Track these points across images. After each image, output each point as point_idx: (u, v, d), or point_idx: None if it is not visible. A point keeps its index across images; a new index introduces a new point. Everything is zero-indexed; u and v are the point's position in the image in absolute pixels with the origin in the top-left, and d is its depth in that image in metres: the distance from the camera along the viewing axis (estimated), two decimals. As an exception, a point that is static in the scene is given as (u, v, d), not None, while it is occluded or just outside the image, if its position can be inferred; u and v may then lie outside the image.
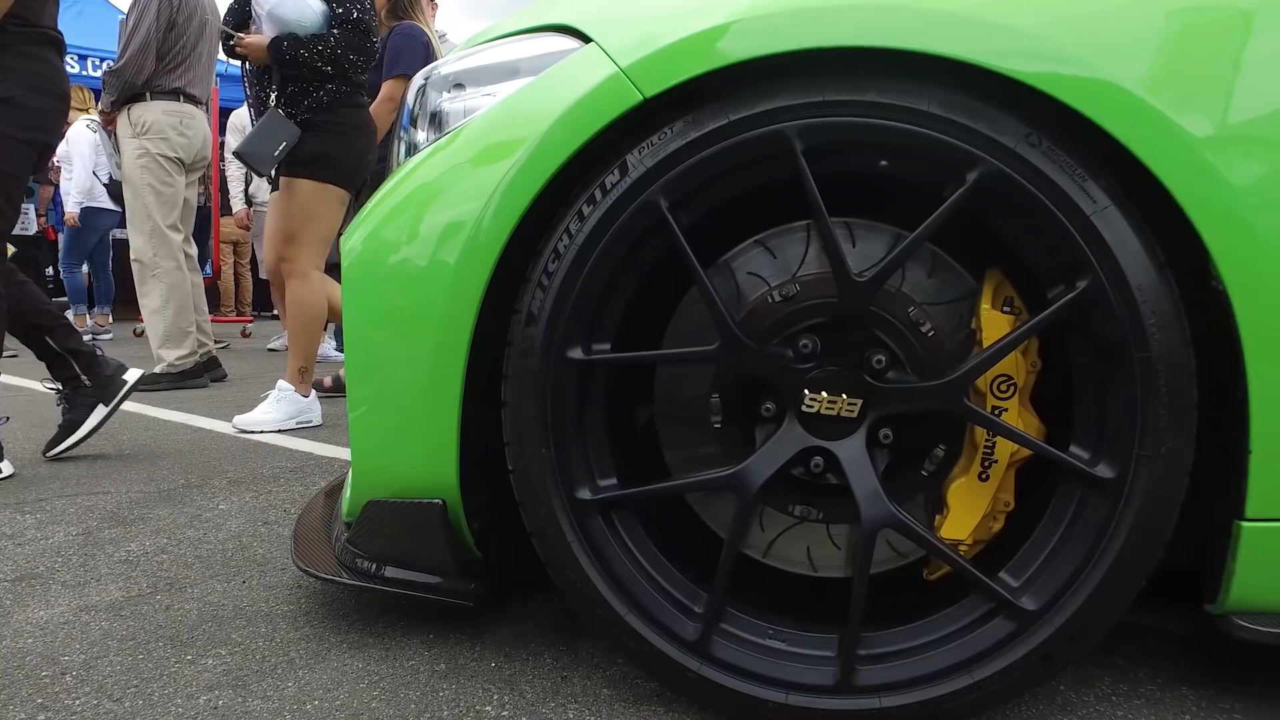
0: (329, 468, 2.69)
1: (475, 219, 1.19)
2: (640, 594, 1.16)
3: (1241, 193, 0.99)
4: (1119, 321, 1.02)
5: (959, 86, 1.05)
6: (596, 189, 1.15)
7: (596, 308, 1.17)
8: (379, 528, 1.32)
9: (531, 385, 1.17)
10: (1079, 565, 1.06)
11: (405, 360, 1.24)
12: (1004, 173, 1.04)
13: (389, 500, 1.29)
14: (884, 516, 1.11)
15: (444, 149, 1.26)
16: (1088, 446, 1.07)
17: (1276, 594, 1.07)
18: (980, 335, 1.15)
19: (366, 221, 1.31)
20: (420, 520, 1.27)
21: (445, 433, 1.24)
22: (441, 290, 1.21)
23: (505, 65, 1.31)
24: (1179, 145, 1.00)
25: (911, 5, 1.05)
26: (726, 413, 1.24)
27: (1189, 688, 1.24)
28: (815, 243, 1.25)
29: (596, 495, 1.17)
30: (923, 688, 1.08)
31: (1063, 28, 1.03)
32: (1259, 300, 1.00)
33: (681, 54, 1.10)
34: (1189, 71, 1.01)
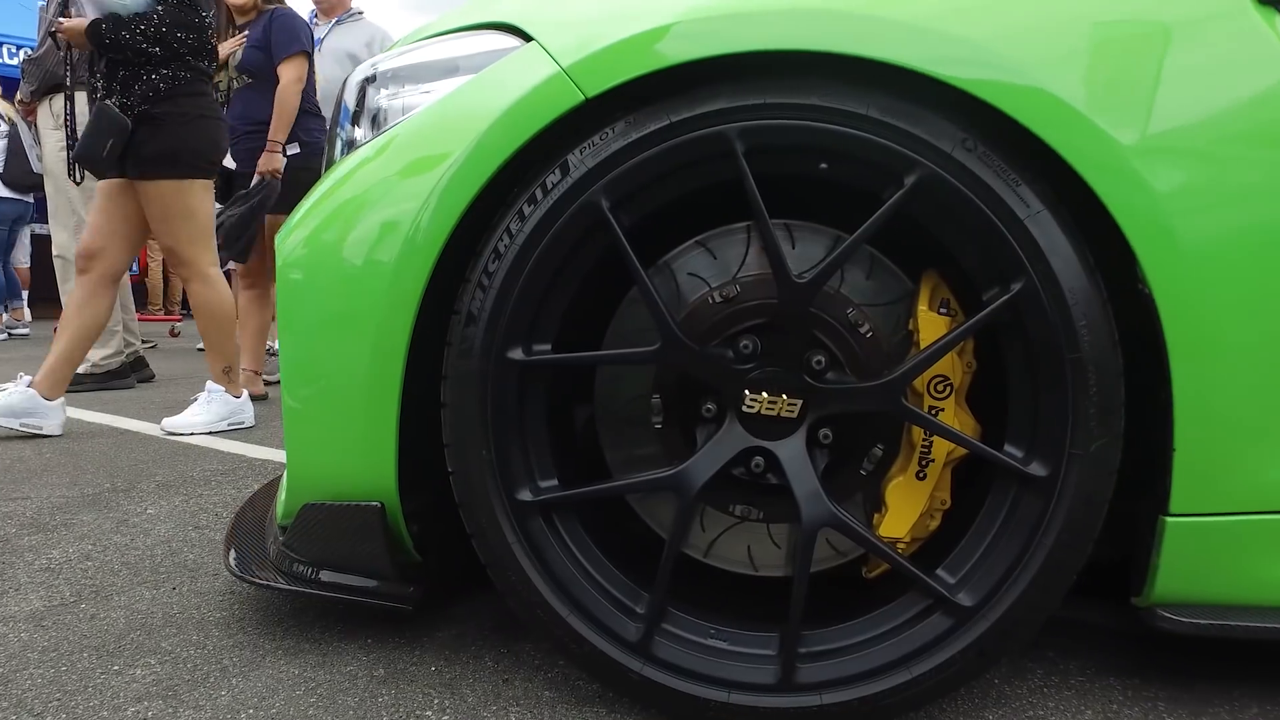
0: (262, 470, 2.63)
1: (413, 219, 1.17)
2: (581, 595, 1.16)
3: (1166, 200, 1.03)
4: (1051, 323, 1.05)
5: (898, 91, 1.07)
6: (537, 189, 1.14)
7: (537, 308, 1.16)
8: (316, 531, 1.29)
9: (471, 386, 1.16)
10: (1013, 561, 1.08)
11: (342, 361, 1.22)
12: (941, 177, 1.06)
13: (326, 503, 1.27)
14: (824, 516, 1.12)
15: (382, 147, 1.24)
16: (1021, 445, 1.10)
17: (1198, 587, 1.11)
18: (918, 336, 1.17)
19: (302, 221, 1.29)
20: (358, 523, 1.25)
21: (383, 434, 1.22)
22: (379, 291, 1.19)
23: (444, 63, 1.29)
24: (1108, 153, 1.03)
25: (852, 10, 1.06)
26: (667, 413, 1.25)
27: (1116, 678, 1.28)
28: (755, 244, 1.26)
29: (537, 496, 1.16)
30: (863, 684, 1.10)
31: (999, 36, 1.05)
32: (1183, 304, 1.03)
33: (624, 54, 1.10)
34: (1116, 82, 1.04)
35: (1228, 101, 1.04)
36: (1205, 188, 1.03)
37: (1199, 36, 1.05)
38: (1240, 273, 1.03)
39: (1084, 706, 1.20)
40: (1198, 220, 1.03)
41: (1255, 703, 1.21)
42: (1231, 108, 1.04)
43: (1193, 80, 1.04)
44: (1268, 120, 1.03)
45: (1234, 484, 1.07)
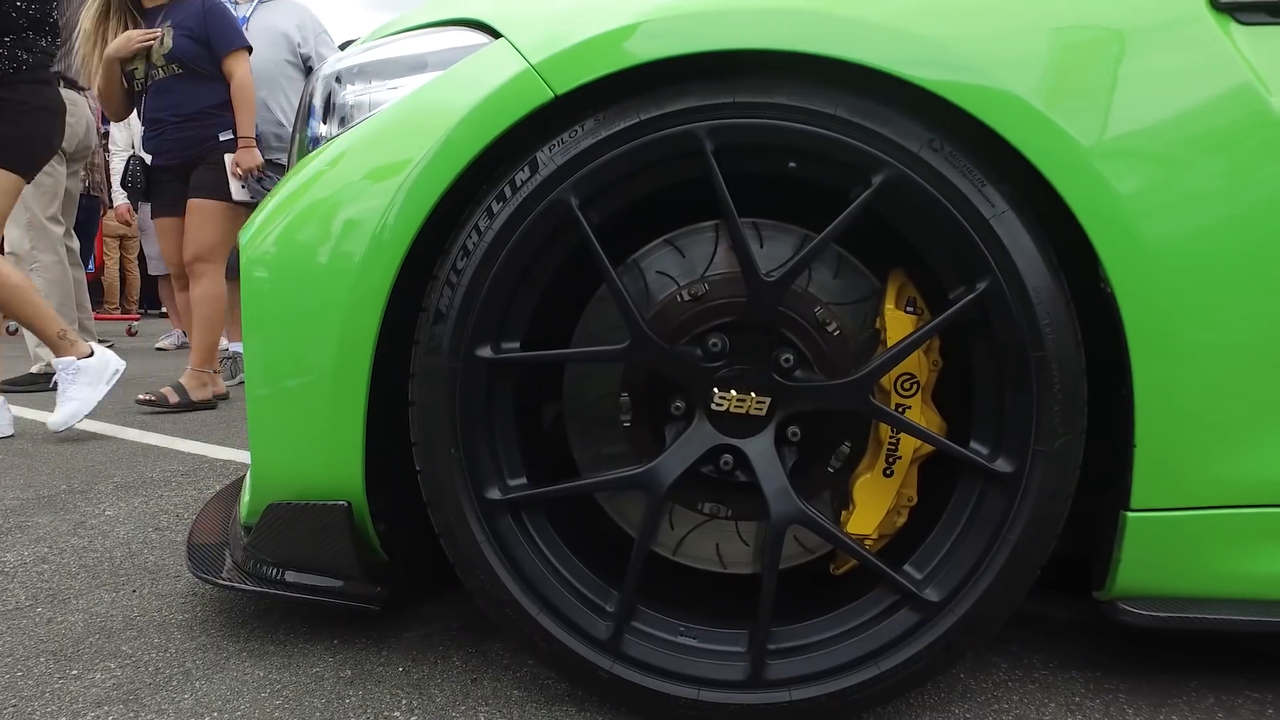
0: (224, 471, 2.59)
1: (380, 216, 1.16)
2: (551, 593, 1.15)
3: (1127, 200, 1.04)
4: (1016, 322, 1.06)
5: (866, 92, 1.08)
6: (506, 186, 1.13)
7: (506, 306, 1.15)
8: (281, 531, 1.27)
9: (440, 384, 1.15)
10: (979, 557, 1.09)
11: (308, 359, 1.21)
12: (908, 176, 1.07)
13: (292, 503, 1.25)
14: (792, 513, 1.12)
15: (348, 143, 1.23)
16: (987, 442, 1.11)
17: (1158, 580, 1.13)
18: (884, 335, 1.18)
19: (269, 218, 1.27)
20: (324, 523, 1.23)
21: (350, 433, 1.21)
22: (346, 288, 1.18)
23: (412, 59, 1.28)
24: (1071, 154, 1.04)
25: (820, 10, 1.07)
26: (636, 411, 1.25)
27: (1078, 670, 1.30)
28: (724, 242, 1.26)
29: (506, 495, 1.16)
30: (831, 680, 1.11)
31: (965, 38, 1.06)
32: (1143, 303, 1.05)
33: (593, 52, 1.10)
34: (1078, 84, 1.05)
35: (1185, 105, 1.06)
36: (1164, 189, 1.05)
37: (1157, 42, 1.06)
38: (1198, 272, 1.05)
39: (1047, 700, 1.22)
40: (1158, 220, 1.05)
41: (1211, 693, 1.24)
42: (1188, 112, 1.06)
43: (1151, 84, 1.06)
44: (1223, 124, 1.05)
45: (1194, 479, 1.09)
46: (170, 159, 3.75)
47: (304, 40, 4.46)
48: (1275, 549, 1.11)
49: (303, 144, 1.56)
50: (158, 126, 3.72)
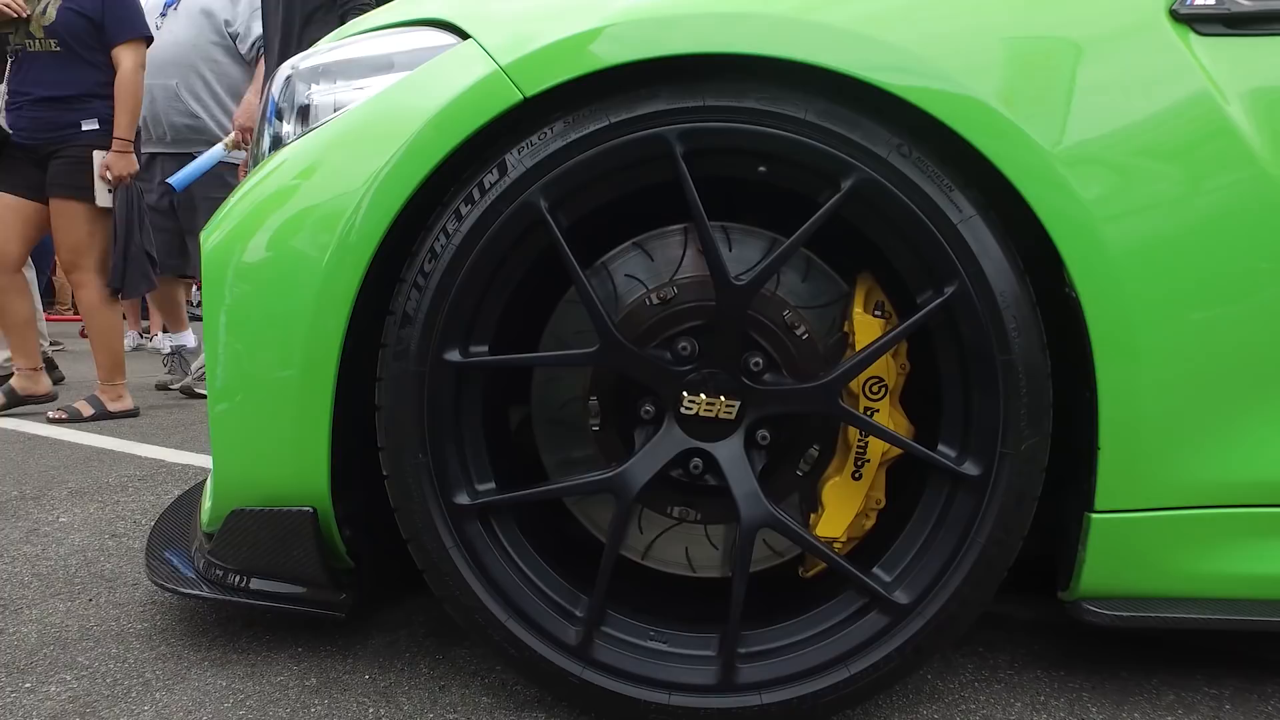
0: (183, 476, 2.54)
1: (347, 217, 1.14)
2: (520, 599, 1.15)
3: (1091, 206, 1.06)
4: (983, 325, 1.07)
5: (835, 96, 1.08)
6: (474, 188, 1.12)
7: (474, 309, 1.14)
8: (244, 538, 1.25)
9: (407, 388, 1.13)
10: (948, 559, 1.10)
11: (273, 363, 1.19)
12: (877, 181, 1.08)
13: (255, 509, 1.23)
14: (763, 516, 1.13)
15: (314, 143, 1.21)
16: (954, 445, 1.12)
17: (1121, 581, 1.14)
18: (853, 338, 1.18)
19: (229, 218, 1.25)
20: (290, 529, 1.21)
21: (316, 438, 1.19)
22: (312, 291, 1.16)
23: (378, 59, 1.26)
24: (1037, 160, 1.05)
25: (792, 16, 1.07)
26: (605, 415, 1.24)
27: (1042, 670, 1.32)
28: (692, 246, 1.26)
29: (475, 500, 1.15)
30: (802, 683, 1.11)
31: (933, 45, 1.07)
32: (1107, 307, 1.06)
33: (564, 54, 1.09)
34: (1044, 92, 1.06)
35: (1145, 113, 1.07)
36: (1126, 194, 1.06)
37: (1118, 50, 1.08)
38: (1159, 276, 1.07)
39: (1013, 699, 1.23)
40: (1120, 225, 1.06)
41: (1170, 690, 1.26)
42: (1148, 119, 1.07)
43: (1113, 92, 1.07)
44: (1181, 132, 1.07)
45: (1155, 481, 1.10)
46: (24, 138, 3.43)
47: (235, 17, 4.07)
48: (1233, 549, 1.13)
49: (264, 142, 1.54)
50: (17, 101, 3.43)
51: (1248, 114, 1.07)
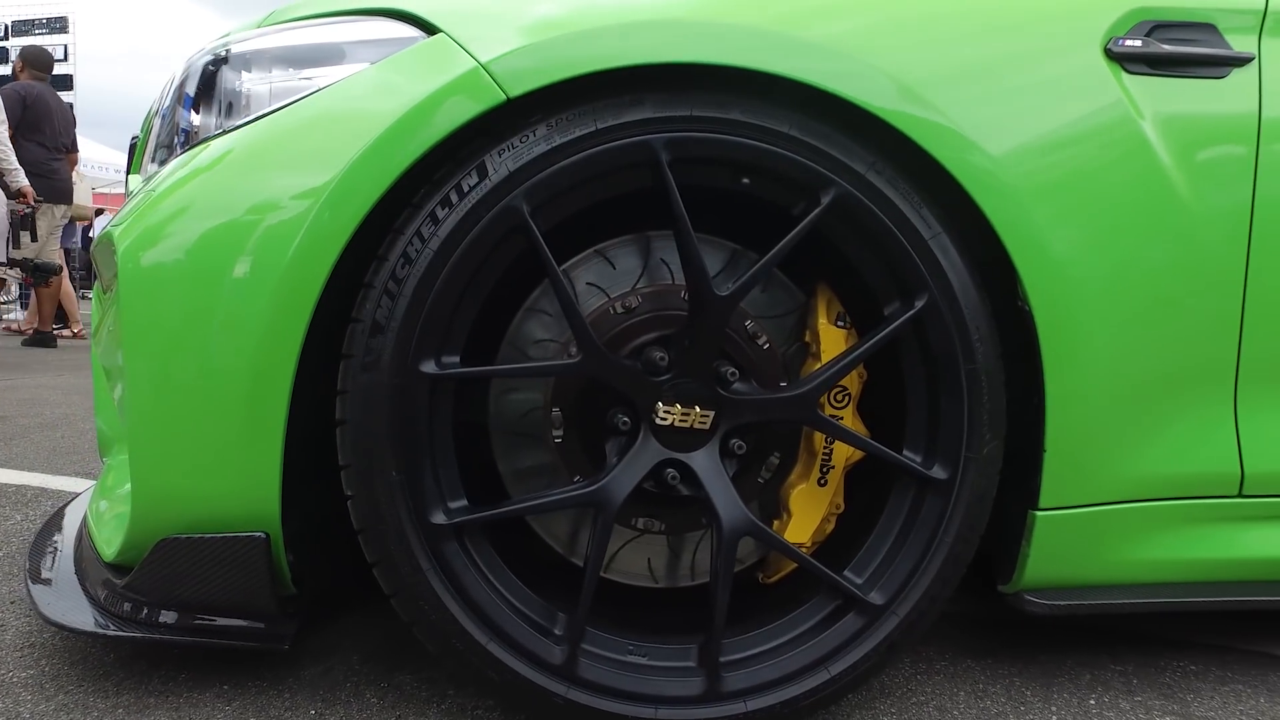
0: (18, 497, 2.26)
1: (312, 216, 1.06)
2: (501, 620, 1.10)
3: (1044, 226, 1.14)
4: (951, 336, 1.13)
5: (814, 112, 1.11)
6: (451, 190, 1.07)
7: (449, 318, 1.09)
8: (175, 569, 1.13)
9: (379, 401, 1.07)
10: (919, 559, 1.15)
11: (217, 376, 1.08)
12: (855, 196, 1.11)
13: (192, 537, 1.12)
14: (744, 525, 1.14)
15: (263, 134, 1.12)
16: (919, 450, 1.17)
17: (1060, 572, 1.24)
18: (817, 349, 1.22)
19: (152, 214, 1.13)
20: (236, 558, 1.11)
21: (266, 456, 1.10)
22: (266, 294, 1.07)
23: (328, 47, 1.18)
24: (998, 182, 1.12)
25: (778, 32, 1.09)
26: (568, 426, 1.22)
27: (973, 660, 1.40)
28: (655, 254, 1.26)
29: (452, 519, 1.09)
30: (785, 687, 1.13)
31: (909, 63, 1.12)
32: (1056, 319, 1.14)
33: (555, 55, 1.06)
34: (1004, 119, 1.14)
35: (1084, 142, 1.17)
36: (1071, 216, 1.15)
37: (1063, 82, 1.17)
38: (1101, 292, 1.16)
39: (956, 689, 1.30)
40: (1067, 245, 1.15)
41: (1085, 670, 1.37)
42: (1087, 146, 1.17)
43: (1060, 121, 1.16)
44: (1112, 158, 1.17)
45: (1094, 479, 1.20)
46: None
47: None
48: (1158, 537, 1.25)
49: (157, 133, 1.41)
50: None
51: (1162, 140, 1.18)
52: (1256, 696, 1.30)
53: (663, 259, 1.26)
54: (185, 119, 1.29)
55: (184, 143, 1.27)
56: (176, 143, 1.31)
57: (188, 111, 1.28)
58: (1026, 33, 1.18)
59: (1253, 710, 1.26)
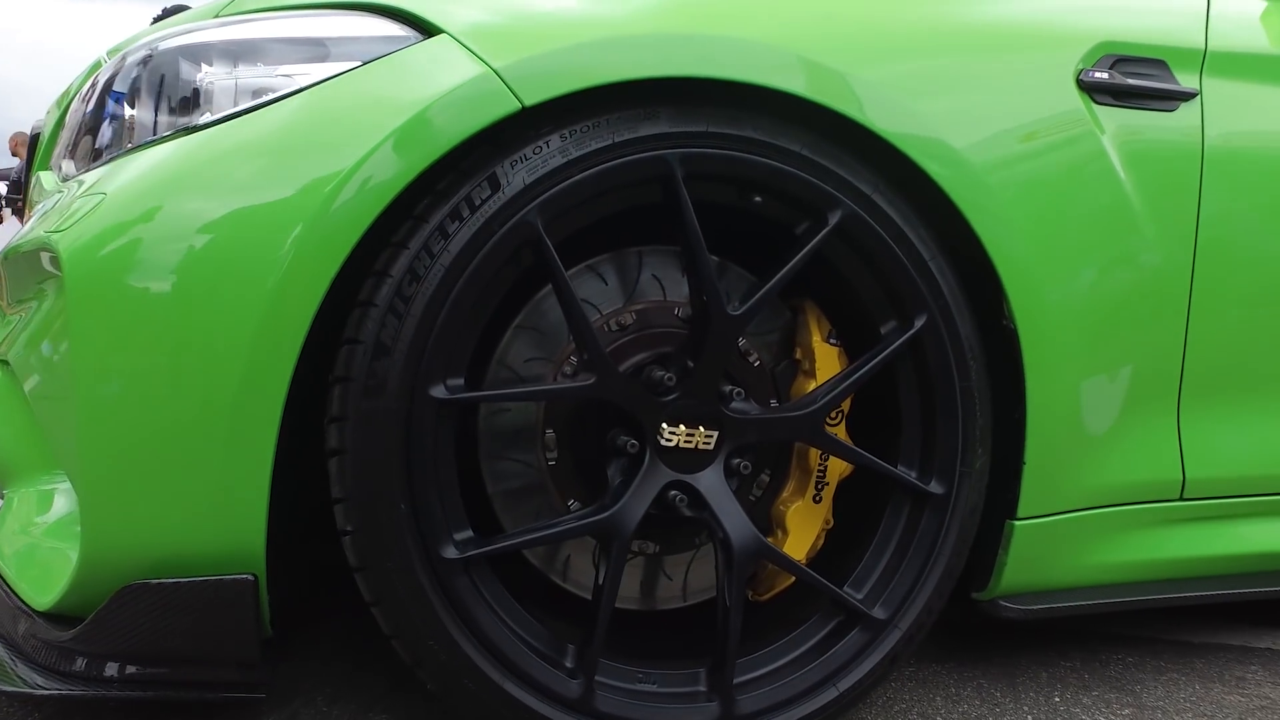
0: None
1: (307, 224, 0.97)
2: (516, 656, 1.04)
3: (1029, 249, 1.18)
4: (948, 354, 1.16)
5: (821, 132, 1.11)
6: (461, 204, 1.01)
7: (458, 338, 1.03)
8: (142, 618, 1.01)
9: (385, 429, 0.99)
10: (919, 573, 1.17)
11: (196, 401, 0.98)
12: (861, 216, 1.12)
13: (165, 582, 1.00)
14: (755, 545, 1.13)
15: (243, 134, 1.01)
16: (913, 465, 1.20)
17: (1033, 578, 1.30)
18: (811, 366, 1.22)
19: (107, 218, 1.01)
20: (221, 601, 1.00)
21: (254, 489, 1.00)
22: (255, 312, 0.97)
23: (306, 42, 1.09)
24: (993, 205, 1.16)
25: (793, 50, 1.09)
26: (561, 449, 1.17)
27: (938, 665, 1.45)
28: (646, 270, 1.23)
29: (465, 552, 1.03)
30: (796, 707, 1.13)
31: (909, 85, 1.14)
32: (1039, 338, 1.19)
33: (571, 63, 1.02)
34: (994, 142, 1.18)
35: (1059, 167, 1.23)
36: (1051, 239, 1.21)
37: (1043, 111, 1.22)
38: (1075, 311, 1.22)
39: (932, 694, 1.34)
40: (1049, 267, 1.20)
41: (1041, 668, 1.45)
42: (1061, 173, 1.23)
43: (1040, 148, 1.21)
44: (1084, 185, 1.24)
45: (1066, 489, 1.26)
46: None
47: None
48: (1113, 541, 1.33)
49: (88, 127, 1.28)
50: None
51: (1124, 167, 1.25)
52: (1191, 684, 1.40)
53: (654, 275, 1.23)
54: (120, 113, 1.17)
55: (130, 140, 1.14)
56: (112, 139, 1.18)
57: (120, 105, 1.16)
58: (1013, 64, 1.22)
59: (1191, 696, 1.36)
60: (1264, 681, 1.42)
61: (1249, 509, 1.40)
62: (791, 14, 1.13)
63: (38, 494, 1.24)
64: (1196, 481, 1.35)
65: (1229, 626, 1.62)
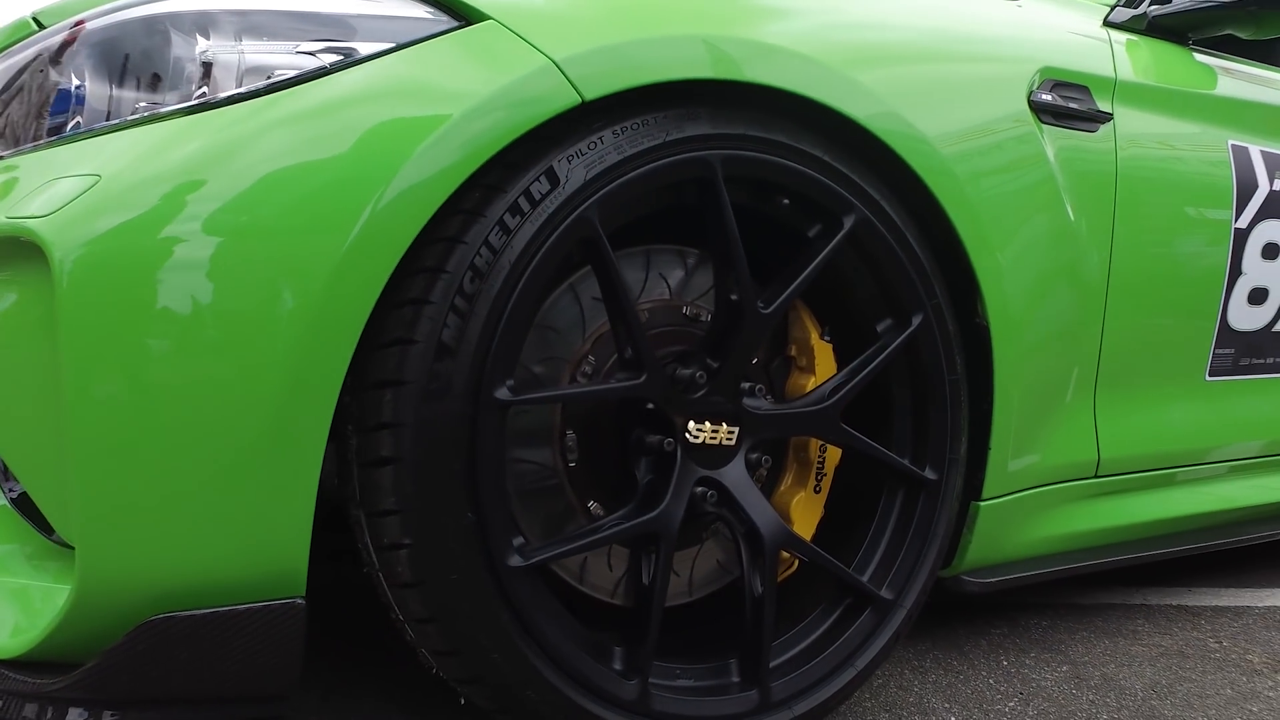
0: None
1: (365, 217, 0.90)
2: (578, 662, 1.02)
3: (996, 247, 1.29)
4: (941, 349, 1.25)
5: (835, 139, 1.17)
6: (520, 197, 0.98)
7: (520, 336, 0.99)
8: (166, 656, 0.90)
9: (450, 434, 0.94)
10: (917, 555, 1.25)
11: (233, 406, 0.88)
12: (870, 220, 1.18)
13: (198, 614, 0.89)
14: (782, 536, 1.16)
15: (276, 115, 0.92)
16: (905, 454, 1.27)
17: (989, 554, 1.41)
18: (809, 363, 1.27)
19: (109, 198, 0.89)
20: (265, 631, 0.91)
21: (298, 503, 0.92)
22: (308, 302, 0.89)
23: (330, 19, 1.02)
24: (971, 213, 1.26)
25: (815, 58, 1.13)
26: (582, 450, 1.16)
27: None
28: (654, 269, 1.24)
29: (529, 559, 0.99)
30: (821, 688, 1.17)
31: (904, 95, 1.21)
32: (1007, 335, 1.31)
33: (632, 58, 1.01)
34: (969, 154, 1.28)
35: (1017, 180, 1.35)
36: (1012, 241, 1.32)
37: (1005, 128, 1.34)
38: (1029, 308, 1.35)
39: (900, 669, 1.43)
40: (1014, 266, 1.32)
41: (981, 636, 1.58)
42: (1018, 184, 1.35)
43: (1005, 160, 1.33)
44: (1034, 192, 1.36)
45: (1016, 469, 1.39)
46: None
47: None
48: (1047, 516, 1.48)
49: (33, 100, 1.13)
50: None
51: (1062, 179, 1.39)
52: (1101, 640, 1.59)
53: (660, 273, 1.23)
54: (83, 86, 1.03)
55: (105, 116, 1.01)
56: (68, 114, 1.04)
57: (80, 77, 1.02)
58: (979, 84, 1.33)
59: (1108, 650, 1.54)
60: (1154, 632, 1.63)
61: (1146, 483, 1.60)
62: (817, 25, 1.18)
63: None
64: (1108, 461, 1.53)
65: (1106, 588, 1.83)
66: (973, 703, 1.33)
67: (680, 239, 1.24)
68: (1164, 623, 1.68)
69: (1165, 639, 1.60)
